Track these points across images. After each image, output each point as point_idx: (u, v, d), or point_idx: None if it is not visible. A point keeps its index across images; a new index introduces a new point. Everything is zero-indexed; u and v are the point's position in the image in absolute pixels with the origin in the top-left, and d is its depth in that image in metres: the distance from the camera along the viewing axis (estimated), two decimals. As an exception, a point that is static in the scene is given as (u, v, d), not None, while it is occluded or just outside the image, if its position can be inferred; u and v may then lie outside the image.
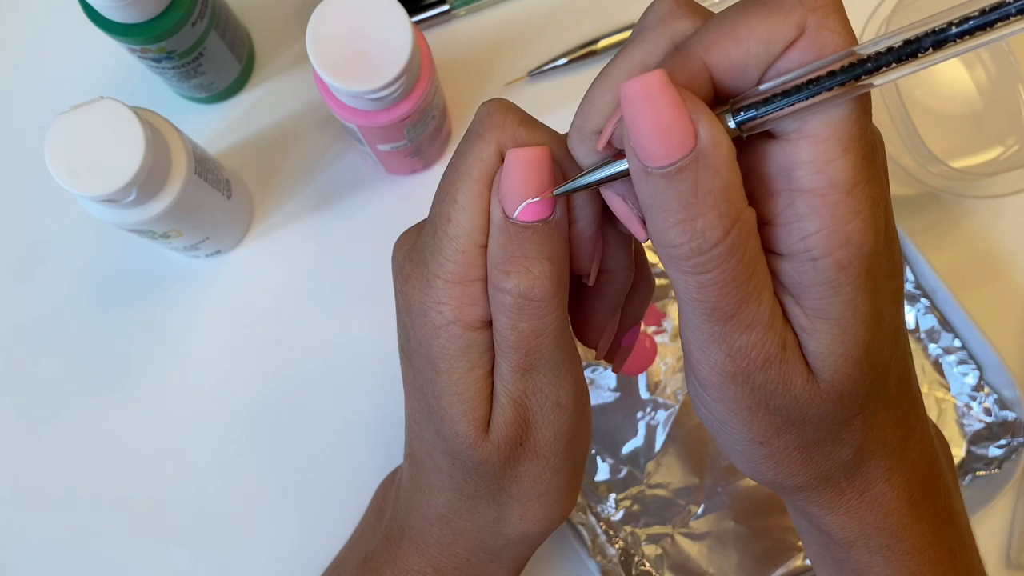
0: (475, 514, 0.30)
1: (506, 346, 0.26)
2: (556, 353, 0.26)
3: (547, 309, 0.25)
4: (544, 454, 0.28)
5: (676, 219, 0.21)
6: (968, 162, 0.48)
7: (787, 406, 0.24)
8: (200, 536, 0.47)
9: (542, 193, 0.24)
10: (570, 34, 0.50)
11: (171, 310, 0.48)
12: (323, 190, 0.49)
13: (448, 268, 0.25)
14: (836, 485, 0.27)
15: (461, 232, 0.25)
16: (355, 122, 0.40)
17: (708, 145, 0.21)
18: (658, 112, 0.20)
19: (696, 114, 0.20)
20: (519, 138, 0.25)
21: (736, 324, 0.23)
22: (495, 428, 0.27)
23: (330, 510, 0.46)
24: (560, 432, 0.27)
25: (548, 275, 0.25)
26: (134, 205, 0.38)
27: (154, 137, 0.37)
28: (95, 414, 0.48)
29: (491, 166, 0.25)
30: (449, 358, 0.26)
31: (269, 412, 0.48)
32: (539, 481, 0.28)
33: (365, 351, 0.48)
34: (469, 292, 0.25)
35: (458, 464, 0.29)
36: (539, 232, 0.24)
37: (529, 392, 0.26)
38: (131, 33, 0.39)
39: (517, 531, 0.30)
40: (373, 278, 0.48)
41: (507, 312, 0.25)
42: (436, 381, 0.27)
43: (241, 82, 0.49)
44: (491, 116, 0.25)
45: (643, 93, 0.20)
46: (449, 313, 0.26)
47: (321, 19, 0.36)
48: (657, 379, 0.46)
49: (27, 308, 0.48)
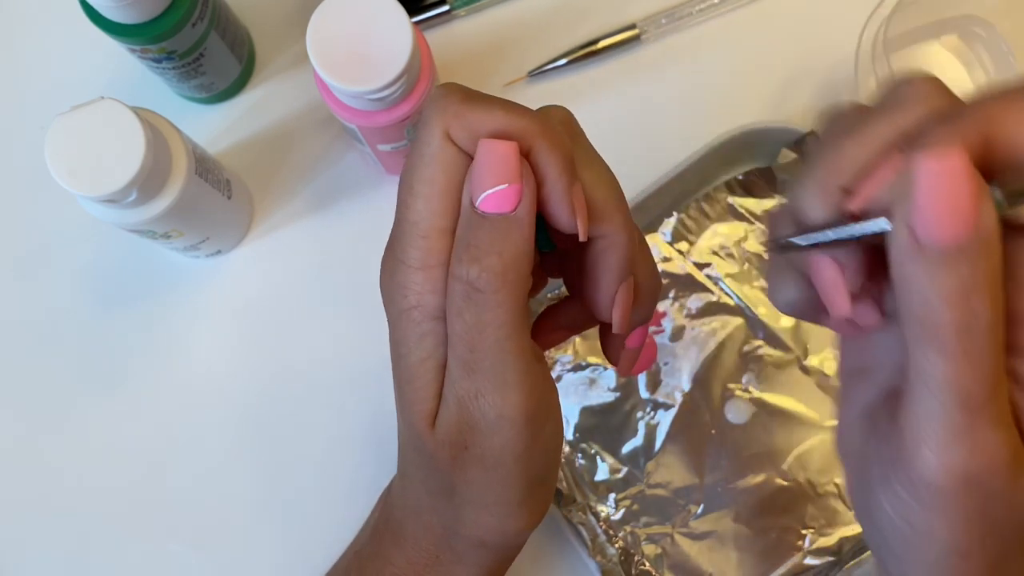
0: (436, 510, 0.30)
1: (453, 336, 0.26)
2: (501, 357, 0.25)
3: (491, 303, 0.25)
4: (491, 465, 0.27)
5: (950, 297, 0.20)
6: (968, 162, 0.48)
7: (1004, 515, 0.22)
8: (200, 535, 0.47)
9: (507, 184, 0.24)
10: (570, 34, 0.50)
11: (171, 310, 0.48)
12: (323, 190, 0.49)
13: (410, 254, 0.26)
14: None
15: (420, 217, 0.25)
16: (355, 122, 0.40)
17: (989, 225, 0.20)
18: (956, 194, 0.20)
19: (983, 196, 0.20)
20: (463, 117, 0.25)
21: (986, 417, 0.21)
22: (440, 426, 0.27)
23: (330, 509, 0.46)
24: (507, 446, 0.26)
25: (495, 269, 0.24)
26: (134, 205, 0.38)
27: (154, 137, 0.37)
28: (95, 414, 0.48)
29: (439, 150, 0.25)
30: (407, 344, 0.27)
31: (269, 411, 0.48)
32: (487, 491, 0.28)
33: (365, 351, 0.48)
34: (431, 278, 0.26)
35: (419, 455, 0.29)
36: (496, 225, 0.25)
37: (473, 394, 0.26)
38: (131, 33, 0.40)
39: (472, 536, 0.30)
40: (373, 278, 0.48)
41: (455, 300, 0.25)
42: (397, 366, 0.27)
43: (241, 82, 0.49)
44: (433, 102, 0.25)
45: (943, 170, 0.20)
46: (412, 298, 0.26)
47: (321, 19, 0.36)
48: (657, 379, 0.46)
49: (27, 308, 0.48)
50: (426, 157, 0.25)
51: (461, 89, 0.26)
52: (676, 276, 0.47)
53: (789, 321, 0.47)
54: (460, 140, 0.25)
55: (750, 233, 0.47)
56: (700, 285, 0.47)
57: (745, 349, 0.46)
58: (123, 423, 0.48)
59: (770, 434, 0.46)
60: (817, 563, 0.45)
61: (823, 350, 0.46)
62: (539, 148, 0.25)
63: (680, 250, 0.47)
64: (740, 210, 0.47)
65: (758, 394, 0.46)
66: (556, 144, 0.25)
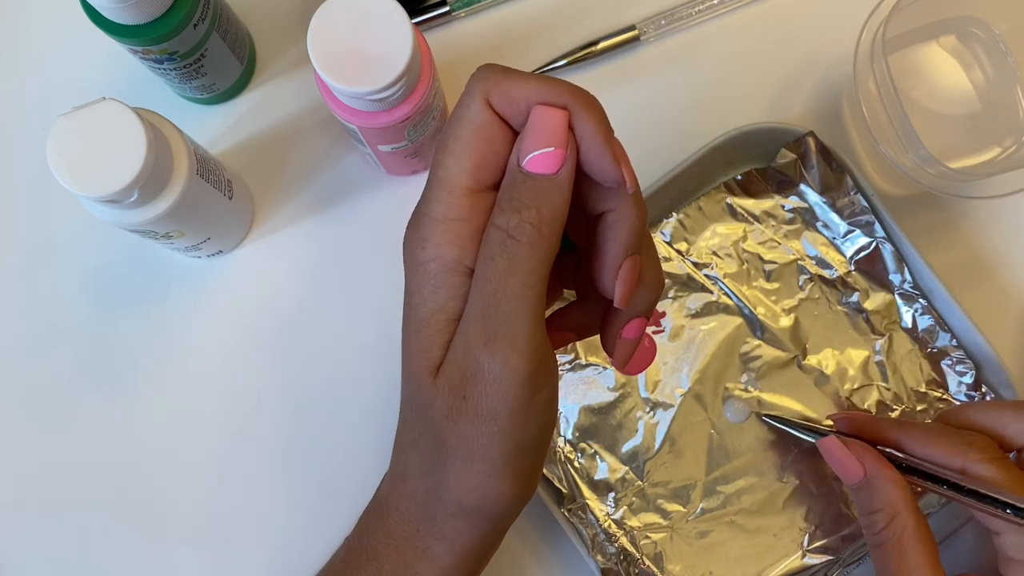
0: (423, 474, 0.30)
1: (479, 280, 0.27)
2: (520, 305, 0.27)
3: (523, 253, 0.26)
4: (484, 416, 0.28)
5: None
6: (966, 163, 0.48)
7: None
8: (202, 534, 0.47)
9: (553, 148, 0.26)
10: (570, 35, 0.50)
11: (172, 310, 0.48)
12: (324, 191, 0.49)
13: (436, 207, 0.27)
14: None
15: (449, 173, 0.27)
16: (356, 123, 0.40)
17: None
18: None
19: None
20: (502, 84, 0.27)
21: None
22: (443, 372, 0.28)
23: (332, 509, 0.46)
24: (505, 397, 0.27)
25: (532, 221, 0.26)
26: (136, 206, 0.38)
27: (156, 138, 0.37)
28: (97, 414, 0.48)
29: (477, 112, 0.27)
30: (420, 294, 0.28)
31: (271, 412, 0.48)
32: (475, 444, 0.28)
33: (367, 351, 0.48)
34: (452, 230, 0.27)
35: (415, 411, 0.30)
36: (539, 183, 0.27)
37: (483, 340, 0.27)
38: (133, 34, 0.40)
39: (453, 499, 0.30)
40: (374, 278, 0.49)
41: (490, 246, 0.27)
42: (408, 316, 0.29)
43: (242, 83, 0.49)
44: (475, 75, 0.28)
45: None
46: (431, 250, 0.28)
47: (322, 20, 0.37)
48: (657, 379, 0.46)
49: (28, 308, 0.48)
50: (463, 119, 0.27)
51: (501, 66, 0.28)
52: (675, 276, 0.47)
53: (788, 321, 0.47)
54: (498, 106, 0.27)
55: (749, 233, 0.47)
56: (699, 285, 0.47)
57: (744, 349, 0.47)
58: (124, 423, 0.48)
59: (769, 434, 0.46)
60: (817, 563, 0.45)
61: (822, 350, 0.47)
62: (577, 112, 0.27)
63: (679, 250, 0.47)
64: (739, 210, 0.48)
65: (757, 394, 0.46)
66: (593, 106, 0.28)
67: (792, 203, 0.47)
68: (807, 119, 0.50)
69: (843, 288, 0.47)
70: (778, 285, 0.47)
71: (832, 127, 0.50)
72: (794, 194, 0.47)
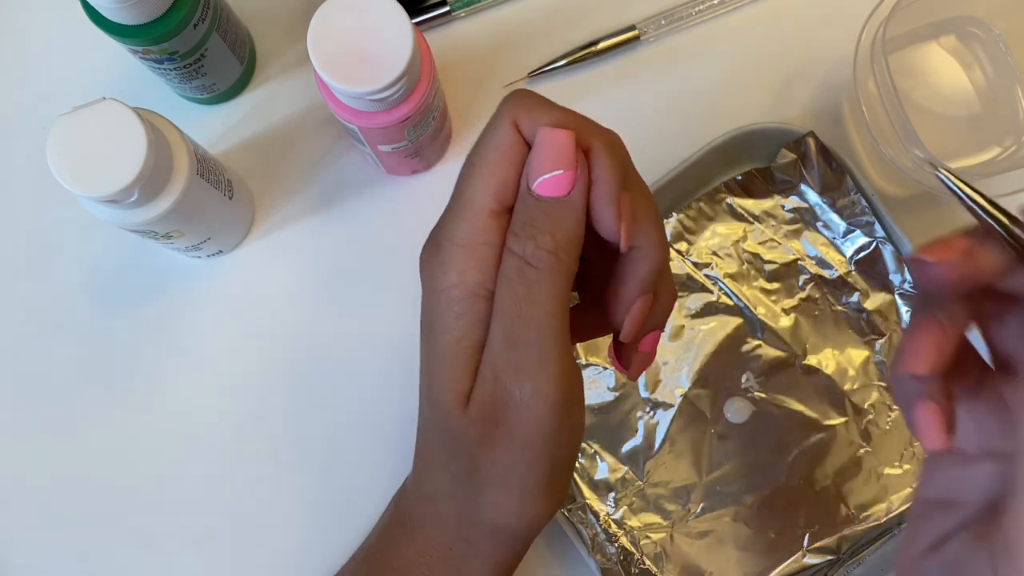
0: (455, 496, 0.30)
1: (500, 308, 0.27)
2: (545, 332, 0.26)
3: (543, 280, 0.26)
4: (520, 443, 0.28)
5: None
6: (966, 163, 0.48)
7: None
8: (202, 535, 0.47)
9: (563, 170, 0.26)
10: (570, 35, 0.50)
11: (172, 310, 0.48)
12: (324, 191, 0.49)
13: (458, 230, 0.27)
14: None
15: (473, 195, 0.27)
16: (356, 123, 0.40)
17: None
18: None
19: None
20: (532, 110, 0.26)
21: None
22: (474, 402, 0.27)
23: (333, 510, 0.46)
24: (539, 424, 0.27)
25: (549, 247, 0.26)
26: (136, 206, 0.38)
27: (156, 138, 0.37)
28: (96, 414, 0.48)
29: (506, 137, 0.27)
30: (444, 322, 0.27)
31: (271, 412, 0.48)
32: (511, 471, 0.28)
33: (367, 351, 0.48)
34: (475, 255, 0.27)
35: (444, 437, 0.29)
36: (551, 207, 0.26)
37: (512, 368, 0.27)
38: (133, 34, 0.40)
39: (489, 521, 0.30)
40: (374, 278, 0.49)
41: (508, 273, 0.26)
42: (429, 344, 0.28)
43: (243, 83, 0.49)
44: (508, 98, 0.27)
45: None
46: (454, 276, 0.27)
47: (322, 20, 0.37)
48: (657, 379, 0.46)
49: (28, 308, 0.48)
50: (491, 142, 0.27)
51: (536, 94, 0.28)
52: (675, 276, 0.47)
53: (788, 320, 0.47)
54: (526, 130, 0.27)
55: (749, 233, 0.47)
56: (699, 285, 0.47)
57: (744, 349, 0.47)
58: (123, 422, 0.48)
59: (769, 434, 0.46)
60: (817, 562, 0.45)
61: (822, 350, 0.47)
62: (597, 148, 0.27)
63: (679, 250, 0.47)
64: (739, 210, 0.48)
65: (757, 394, 0.46)
66: (613, 147, 0.27)
67: (792, 203, 0.47)
68: (807, 119, 0.50)
69: (843, 288, 0.47)
70: (778, 285, 0.47)
71: (832, 127, 0.50)
72: (794, 194, 0.47)
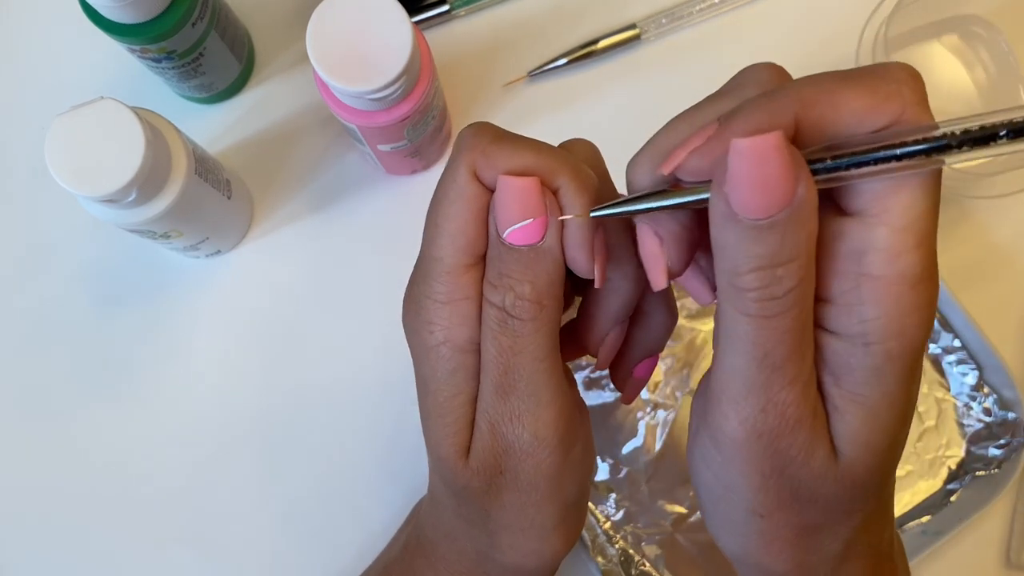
0: (470, 536, 0.30)
1: (488, 360, 0.26)
2: (536, 379, 0.26)
3: (527, 329, 0.25)
4: (525, 488, 0.27)
5: (757, 264, 0.21)
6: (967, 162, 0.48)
7: (801, 478, 0.24)
8: (200, 537, 0.47)
9: (532, 218, 0.25)
10: (570, 34, 0.50)
11: (171, 310, 0.48)
12: (323, 190, 0.49)
13: (436, 288, 0.26)
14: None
15: (444, 253, 0.26)
16: (355, 122, 0.40)
17: (802, 201, 0.21)
18: (767, 171, 0.20)
19: (799, 172, 0.21)
20: (490, 156, 0.25)
21: (781, 375, 0.22)
22: (474, 454, 0.27)
23: (329, 510, 0.46)
24: (541, 468, 0.27)
25: (529, 296, 0.25)
26: (134, 205, 0.38)
27: (154, 137, 0.37)
28: (94, 414, 0.48)
29: (465, 186, 0.25)
30: (436, 379, 0.27)
31: (269, 412, 0.48)
32: (522, 513, 0.28)
33: (366, 351, 0.48)
34: (459, 311, 0.26)
35: (448, 486, 0.29)
36: (526, 255, 0.25)
37: (507, 417, 0.26)
38: (131, 33, 0.39)
39: (508, 561, 0.30)
40: (373, 278, 0.49)
41: (491, 325, 0.25)
42: (424, 402, 0.27)
43: (241, 82, 0.49)
44: (462, 140, 0.26)
45: (758, 153, 0.20)
46: (440, 334, 0.26)
47: (321, 19, 0.36)
48: (657, 379, 0.46)
49: (27, 308, 0.48)
50: (451, 194, 0.25)
51: (491, 128, 0.26)
52: (676, 276, 0.47)
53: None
54: (486, 178, 0.25)
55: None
56: (700, 285, 0.47)
57: (745, 349, 0.46)
58: (121, 422, 0.48)
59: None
60: (817, 563, 0.45)
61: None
62: (565, 189, 0.25)
63: (680, 250, 0.47)
64: (740, 210, 0.47)
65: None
66: (583, 185, 0.25)
67: (793, 203, 0.47)
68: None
69: (844, 288, 0.47)
70: (779, 285, 0.47)
71: (833, 126, 0.49)
72: (795, 194, 0.47)
